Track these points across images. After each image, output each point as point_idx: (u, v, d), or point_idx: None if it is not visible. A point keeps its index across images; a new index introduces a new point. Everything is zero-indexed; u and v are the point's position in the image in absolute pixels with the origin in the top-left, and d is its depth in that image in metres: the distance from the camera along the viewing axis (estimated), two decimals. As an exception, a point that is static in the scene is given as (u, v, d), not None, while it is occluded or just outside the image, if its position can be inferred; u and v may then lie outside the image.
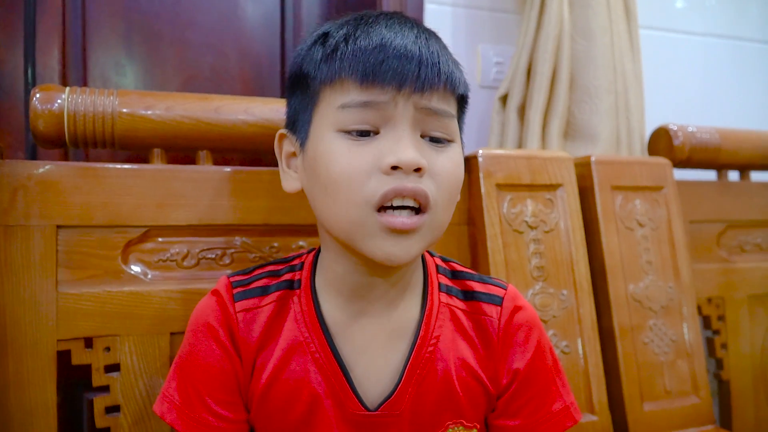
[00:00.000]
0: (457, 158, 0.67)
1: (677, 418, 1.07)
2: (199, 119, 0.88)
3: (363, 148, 0.62)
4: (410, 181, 0.61)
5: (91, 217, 0.83)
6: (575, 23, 1.27)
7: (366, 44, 0.62)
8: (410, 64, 0.61)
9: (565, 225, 1.05)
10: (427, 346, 0.69)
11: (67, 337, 0.80)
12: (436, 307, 0.72)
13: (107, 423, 0.82)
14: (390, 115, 0.62)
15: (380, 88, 0.61)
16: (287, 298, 0.71)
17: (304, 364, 0.68)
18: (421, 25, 0.68)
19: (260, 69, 1.45)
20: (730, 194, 1.28)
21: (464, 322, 0.73)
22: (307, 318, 0.69)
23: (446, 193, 0.65)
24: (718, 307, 1.22)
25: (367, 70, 0.61)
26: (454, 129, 0.67)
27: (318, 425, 0.68)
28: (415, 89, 0.61)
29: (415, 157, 0.60)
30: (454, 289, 0.74)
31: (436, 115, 0.64)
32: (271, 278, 0.73)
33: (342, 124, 0.63)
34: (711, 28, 1.67)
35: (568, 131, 1.29)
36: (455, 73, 0.66)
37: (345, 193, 0.62)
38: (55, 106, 0.82)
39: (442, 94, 0.64)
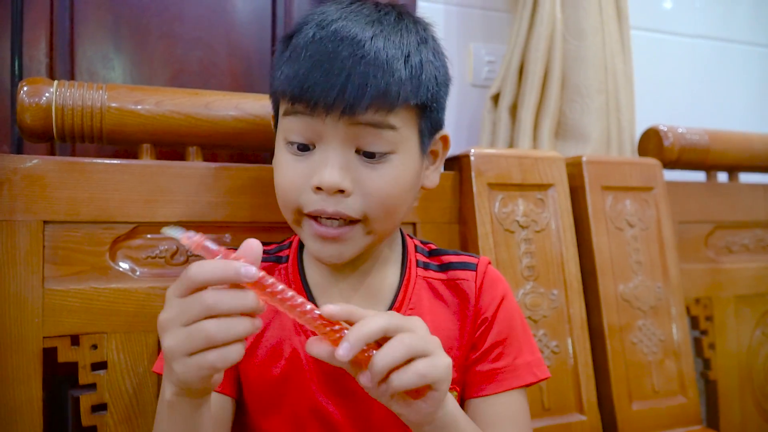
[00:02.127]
0: (394, 174, 0.67)
1: (665, 418, 1.08)
2: (189, 114, 0.87)
3: (299, 164, 0.67)
4: (332, 203, 0.65)
5: (78, 213, 0.82)
6: (567, 23, 1.27)
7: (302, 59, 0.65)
8: (335, 86, 0.62)
9: (556, 225, 1.05)
10: (405, 309, 0.74)
11: (54, 334, 0.79)
12: (414, 278, 0.77)
13: (93, 421, 0.81)
14: (321, 131, 0.65)
15: (309, 108, 0.64)
16: (272, 269, 0.77)
17: (288, 323, 0.73)
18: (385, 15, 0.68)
19: (250, 64, 1.43)
20: (719, 195, 1.28)
21: (441, 290, 0.78)
22: (292, 281, 0.75)
23: (378, 209, 0.67)
24: (706, 307, 1.23)
25: (294, 92, 0.65)
26: (396, 140, 0.67)
27: (297, 378, 0.72)
28: (341, 112, 0.63)
29: (336, 181, 0.64)
30: (431, 264, 0.79)
31: (370, 128, 0.65)
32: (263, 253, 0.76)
33: (286, 133, 0.68)
34: (699, 30, 1.68)
35: (559, 131, 1.30)
36: (393, 88, 0.64)
37: (284, 201, 0.70)
38: (43, 100, 0.81)
39: (377, 109, 0.64)
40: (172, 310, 0.52)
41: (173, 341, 0.51)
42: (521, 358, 0.76)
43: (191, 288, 0.51)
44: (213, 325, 0.50)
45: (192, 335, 0.50)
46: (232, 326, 0.51)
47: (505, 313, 0.77)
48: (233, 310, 0.51)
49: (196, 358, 0.51)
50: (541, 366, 0.77)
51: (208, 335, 0.50)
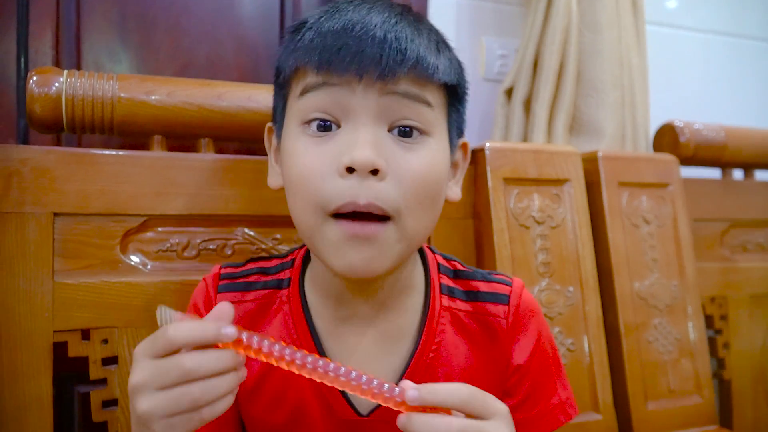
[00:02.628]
0: (430, 157, 0.59)
1: (680, 418, 1.06)
2: (201, 106, 0.86)
3: (321, 147, 0.58)
4: (365, 189, 0.56)
5: (89, 205, 0.80)
6: (583, 16, 1.25)
7: (326, 29, 0.58)
8: (370, 50, 0.56)
9: (572, 221, 1.03)
10: (428, 352, 0.66)
11: (64, 329, 0.78)
12: (438, 310, 0.68)
13: (104, 417, 0.79)
14: (349, 104, 0.57)
15: (337, 74, 0.57)
16: (272, 297, 0.69)
17: None
18: (402, 7, 0.62)
19: (257, 58, 1.42)
20: (734, 193, 1.27)
21: (468, 324, 0.69)
22: (295, 319, 0.67)
23: (413, 197, 0.58)
24: (721, 306, 1.21)
25: (323, 57, 0.57)
26: (431, 119, 0.60)
27: (304, 430, 0.66)
28: (376, 76, 0.56)
29: (369, 157, 0.55)
30: (457, 290, 0.71)
31: (407, 100, 0.58)
32: (260, 275, 0.70)
33: (303, 113, 0.59)
34: (713, 25, 1.66)
35: (574, 126, 1.28)
36: (428, 58, 0.58)
37: (302, 196, 0.59)
38: (53, 90, 0.79)
39: (414, 79, 0.58)
40: (145, 372, 0.49)
41: (151, 404, 0.48)
42: (554, 398, 0.71)
43: (167, 350, 0.48)
44: (197, 389, 0.47)
45: (176, 398, 0.47)
46: (217, 386, 0.48)
47: (540, 356, 0.71)
48: (213, 372, 0.48)
49: (182, 417, 0.48)
50: (572, 403, 0.72)
51: (193, 399, 0.47)
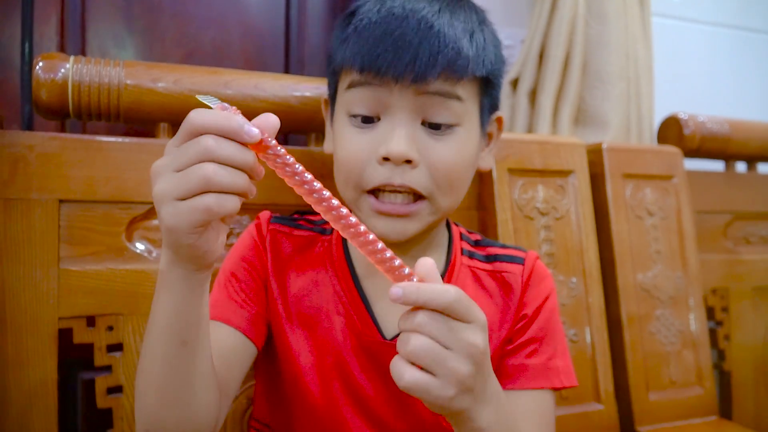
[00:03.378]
0: (459, 146, 0.68)
1: (681, 409, 1.07)
2: (208, 93, 0.85)
3: (364, 136, 0.67)
4: (399, 174, 0.65)
5: (95, 192, 0.80)
6: (590, 6, 1.25)
7: (369, 33, 0.65)
8: (405, 57, 0.63)
9: (576, 212, 1.03)
10: None
11: (69, 315, 0.78)
12: (458, 266, 0.76)
13: (109, 403, 0.80)
14: (388, 102, 0.66)
15: (377, 77, 0.65)
16: (316, 239, 0.76)
17: (326, 295, 0.73)
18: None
19: (263, 45, 1.41)
20: (738, 185, 1.27)
21: (486, 280, 0.77)
22: (336, 257, 0.74)
23: (444, 182, 0.67)
24: (723, 298, 1.22)
25: (365, 61, 0.65)
26: (461, 112, 0.68)
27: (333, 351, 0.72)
28: (410, 81, 0.64)
29: (404, 151, 0.64)
30: (477, 254, 0.79)
31: (439, 98, 0.66)
32: (306, 222, 0.78)
33: (349, 106, 0.68)
34: (719, 18, 1.65)
35: (579, 117, 1.28)
36: (460, 58, 0.65)
37: (345, 176, 0.69)
38: (59, 76, 0.79)
39: (445, 78, 0.65)
40: (168, 157, 0.48)
41: (165, 184, 0.47)
42: (554, 361, 0.74)
43: (190, 133, 0.47)
44: (211, 167, 0.45)
45: (188, 176, 0.46)
46: (230, 175, 0.46)
47: (547, 313, 0.76)
48: (232, 159, 0.46)
49: (189, 201, 0.46)
50: (571, 374, 0.76)
51: (205, 175, 0.45)
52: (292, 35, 1.43)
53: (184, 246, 0.49)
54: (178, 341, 0.53)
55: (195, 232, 0.48)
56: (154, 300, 0.54)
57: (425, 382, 0.49)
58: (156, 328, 0.54)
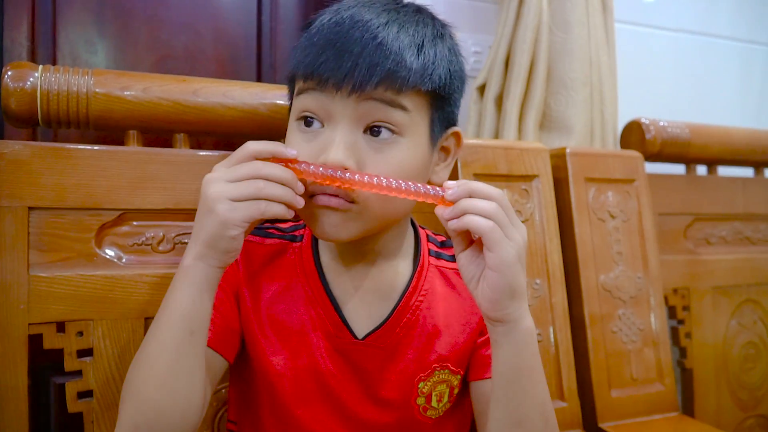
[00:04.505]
0: (400, 157, 0.68)
1: (643, 405, 1.10)
2: (177, 101, 0.87)
3: (309, 142, 0.69)
4: None
5: (64, 199, 0.81)
6: (554, 15, 1.28)
7: (314, 42, 0.68)
8: (346, 64, 0.64)
9: (540, 215, 1.06)
10: (417, 296, 0.76)
11: (39, 321, 0.79)
12: (426, 266, 0.79)
13: (80, 408, 0.81)
14: (330, 109, 0.67)
15: (320, 85, 0.66)
16: (287, 247, 0.79)
17: (298, 300, 0.75)
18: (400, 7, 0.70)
19: (236, 51, 1.43)
20: (698, 188, 1.31)
21: (453, 279, 0.79)
22: (305, 263, 0.77)
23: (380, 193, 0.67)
24: (684, 297, 1.25)
25: (308, 69, 0.67)
26: (405, 122, 0.67)
27: (307, 354, 0.74)
28: (350, 90, 0.65)
29: (339, 159, 0.65)
30: (443, 254, 0.81)
31: (381, 105, 0.66)
32: (276, 230, 0.81)
33: (297, 110, 0.70)
34: (682, 24, 1.69)
35: (544, 122, 1.31)
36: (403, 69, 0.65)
37: None
38: (28, 85, 0.80)
39: (387, 87, 0.65)
40: (220, 172, 0.62)
41: (222, 187, 0.61)
42: None
43: (242, 158, 0.63)
44: (261, 182, 0.61)
45: (242, 185, 0.61)
46: (278, 189, 0.62)
47: None
48: (277, 176, 0.62)
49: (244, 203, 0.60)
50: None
51: (257, 186, 0.61)
52: (264, 40, 1.44)
53: (226, 238, 0.61)
54: (188, 331, 0.62)
55: (242, 226, 0.61)
56: (169, 293, 0.64)
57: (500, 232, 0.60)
58: (169, 319, 0.63)
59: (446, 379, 0.76)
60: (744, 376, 1.32)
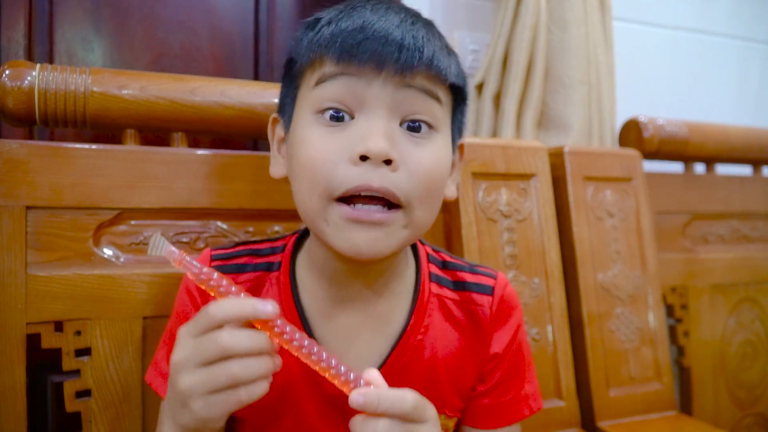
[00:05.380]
0: (437, 152, 0.63)
1: (641, 404, 1.10)
2: (174, 100, 0.87)
3: (335, 135, 0.60)
4: (378, 175, 0.58)
5: (62, 198, 0.81)
6: (551, 13, 1.28)
7: (346, 25, 0.61)
8: (390, 46, 0.59)
9: (538, 214, 1.06)
10: (416, 335, 0.70)
11: (37, 321, 0.79)
12: (427, 297, 0.72)
13: (77, 407, 0.81)
14: (365, 96, 0.60)
15: (357, 65, 0.59)
16: (263, 279, 0.71)
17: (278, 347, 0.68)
18: (412, 11, 0.66)
19: (233, 49, 1.42)
20: (696, 186, 1.31)
21: (455, 311, 0.73)
22: (284, 302, 0.69)
23: (422, 189, 0.61)
24: (682, 296, 1.25)
25: (344, 48, 0.59)
26: (440, 116, 0.64)
27: (294, 406, 0.69)
28: (395, 70, 0.59)
29: (384, 148, 0.57)
30: (444, 279, 0.75)
31: (420, 95, 0.61)
32: (251, 257, 0.73)
33: (317, 102, 0.61)
34: (680, 22, 1.69)
35: (542, 121, 1.31)
36: (442, 59, 0.62)
37: (309, 180, 0.61)
38: (25, 83, 0.80)
39: (426, 76, 0.61)
40: (186, 350, 0.53)
41: (192, 381, 0.52)
42: (523, 391, 0.75)
43: (209, 326, 0.52)
44: (237, 366, 0.51)
45: (215, 375, 0.51)
46: (255, 366, 0.52)
47: (515, 349, 0.75)
48: (249, 351, 0.52)
49: (220, 396, 0.51)
50: (538, 397, 0.77)
51: (232, 374, 0.51)
52: (261, 39, 1.44)
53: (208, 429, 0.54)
54: None
55: (223, 418, 0.53)
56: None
57: None
58: None
59: (442, 423, 0.72)
60: (742, 374, 1.32)
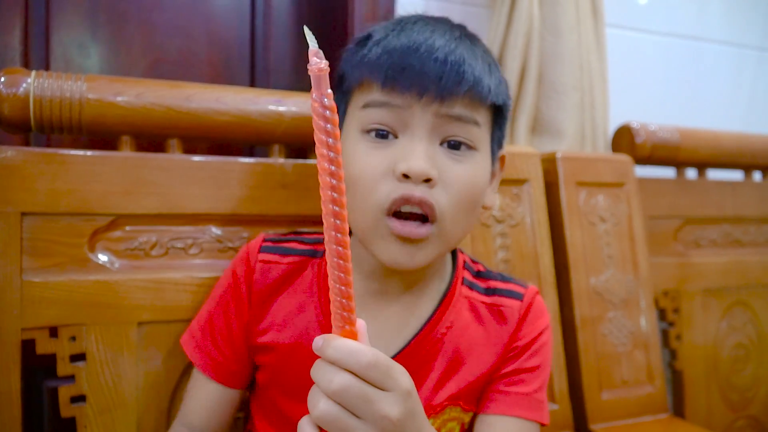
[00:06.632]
0: (475, 169, 0.67)
1: (633, 407, 1.11)
2: (170, 107, 0.87)
3: (380, 151, 0.65)
4: (418, 190, 0.63)
5: (57, 204, 0.81)
6: (544, 20, 1.29)
7: (392, 47, 0.65)
8: (432, 73, 0.63)
9: (531, 219, 1.07)
10: (439, 328, 0.73)
11: (32, 326, 0.79)
12: (457, 295, 0.76)
13: (72, 412, 0.81)
14: (408, 120, 0.65)
15: (400, 93, 0.64)
16: (306, 263, 0.76)
17: (310, 324, 0.73)
18: (460, 29, 0.70)
19: (230, 55, 1.43)
20: (688, 191, 1.32)
21: (483, 312, 0.77)
22: (322, 284, 0.73)
23: (457, 204, 0.66)
24: (674, 300, 1.26)
25: (388, 75, 0.64)
26: (478, 137, 0.68)
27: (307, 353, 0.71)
28: (435, 97, 0.63)
29: (425, 168, 0.62)
30: (477, 285, 0.79)
31: (458, 121, 0.65)
32: (299, 243, 0.78)
33: (364, 123, 0.66)
34: (673, 28, 1.70)
35: (535, 126, 1.32)
36: (483, 82, 0.66)
37: (360, 194, 0.65)
38: (21, 90, 0.80)
39: (467, 101, 0.65)
40: None
41: None
42: (540, 394, 0.76)
43: None
44: None
45: None
46: None
47: (539, 346, 0.77)
48: None
49: None
50: (547, 411, 0.77)
51: None
52: (258, 44, 1.44)
53: None
54: None
55: None
56: None
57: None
58: None
59: (457, 416, 0.75)
60: (734, 377, 1.33)
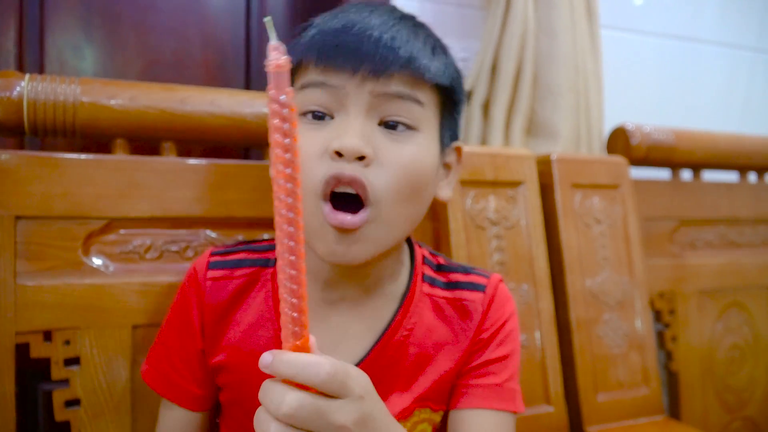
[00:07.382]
0: (416, 150, 0.64)
1: (629, 408, 1.11)
2: (164, 110, 0.87)
3: (316, 133, 0.63)
4: (350, 168, 0.60)
5: (51, 208, 0.81)
6: (539, 21, 1.29)
7: (328, 28, 0.64)
8: (365, 49, 0.61)
9: (526, 221, 1.07)
10: (401, 331, 0.71)
11: (26, 330, 0.79)
12: (417, 295, 0.73)
13: (67, 416, 0.81)
14: (344, 100, 0.63)
15: (334, 72, 0.62)
16: (258, 275, 0.73)
17: (268, 339, 0.70)
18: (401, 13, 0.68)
19: (225, 56, 1.43)
20: (684, 193, 1.32)
21: (445, 309, 0.74)
22: (275, 299, 0.70)
23: (395, 186, 0.62)
24: (670, 301, 1.27)
25: (321, 53, 0.62)
26: (420, 117, 0.65)
27: None
28: (369, 74, 0.61)
29: (357, 144, 0.60)
30: (437, 280, 0.76)
31: (397, 99, 0.63)
32: (249, 252, 0.75)
33: (301, 105, 0.64)
34: (668, 29, 1.71)
35: (531, 128, 1.32)
36: (420, 60, 0.63)
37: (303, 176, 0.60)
38: (14, 94, 0.80)
39: (406, 79, 0.63)
40: None
41: None
42: (511, 384, 0.74)
43: None
44: None
45: None
46: None
47: (504, 335, 0.75)
48: None
49: None
50: (521, 399, 0.75)
51: None
52: (253, 46, 1.44)
53: None
54: None
55: None
56: None
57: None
58: None
59: (427, 417, 0.73)
60: (730, 378, 1.33)
